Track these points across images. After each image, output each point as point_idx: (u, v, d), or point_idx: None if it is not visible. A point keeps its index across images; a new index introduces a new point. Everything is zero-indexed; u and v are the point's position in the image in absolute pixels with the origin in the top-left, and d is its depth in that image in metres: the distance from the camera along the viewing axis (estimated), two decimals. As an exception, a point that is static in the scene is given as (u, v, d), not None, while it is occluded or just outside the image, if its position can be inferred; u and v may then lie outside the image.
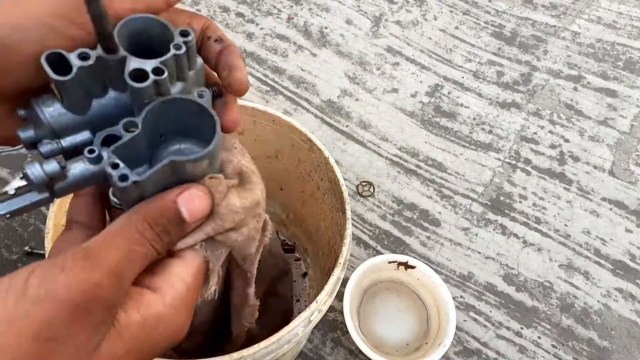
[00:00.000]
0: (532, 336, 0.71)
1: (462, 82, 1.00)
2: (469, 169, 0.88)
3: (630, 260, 0.79)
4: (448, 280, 0.75)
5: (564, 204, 0.85)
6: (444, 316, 0.66)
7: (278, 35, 1.05)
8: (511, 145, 0.91)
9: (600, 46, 1.08)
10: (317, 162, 0.58)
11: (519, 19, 1.12)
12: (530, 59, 1.05)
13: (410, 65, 1.02)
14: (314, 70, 0.99)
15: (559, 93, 1.00)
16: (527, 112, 0.97)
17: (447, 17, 1.12)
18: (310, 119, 0.92)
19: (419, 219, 0.81)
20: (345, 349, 0.68)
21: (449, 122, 0.94)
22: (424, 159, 0.89)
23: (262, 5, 1.10)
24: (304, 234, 0.73)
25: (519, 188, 0.86)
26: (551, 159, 0.90)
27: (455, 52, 1.05)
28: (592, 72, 1.03)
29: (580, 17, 1.13)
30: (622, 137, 0.94)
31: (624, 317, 0.74)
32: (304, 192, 0.65)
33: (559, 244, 0.80)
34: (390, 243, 0.79)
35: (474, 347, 0.70)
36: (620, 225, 0.83)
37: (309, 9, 1.10)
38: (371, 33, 1.07)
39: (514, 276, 0.76)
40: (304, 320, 0.43)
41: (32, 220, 0.77)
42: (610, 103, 0.98)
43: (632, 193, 0.86)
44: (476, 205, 0.84)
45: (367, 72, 1.00)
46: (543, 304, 0.74)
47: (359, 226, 0.80)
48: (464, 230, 0.81)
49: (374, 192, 0.84)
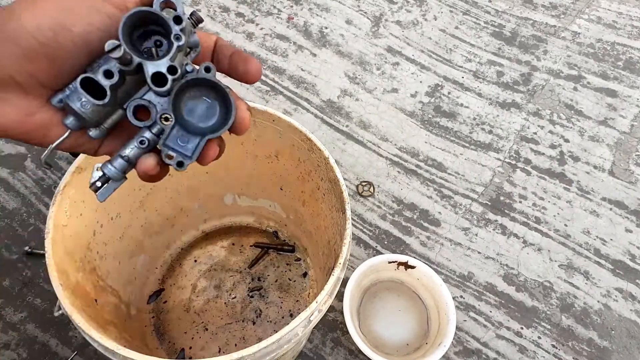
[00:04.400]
0: (532, 336, 0.71)
1: (462, 82, 1.00)
2: (469, 169, 0.88)
3: (630, 260, 0.79)
4: (448, 280, 0.75)
5: (564, 204, 0.85)
6: (444, 316, 0.66)
7: (278, 35, 1.05)
8: (511, 145, 0.91)
9: (600, 46, 1.08)
10: (317, 162, 0.58)
11: (519, 19, 1.12)
12: (530, 59, 1.05)
13: (410, 65, 1.02)
14: (314, 70, 0.99)
15: (559, 93, 1.00)
16: (527, 112, 0.97)
17: (447, 17, 1.11)
18: (310, 119, 0.92)
19: (419, 219, 0.81)
20: (345, 349, 0.68)
21: (449, 122, 0.94)
22: (424, 159, 0.89)
23: (262, 5, 1.10)
24: (304, 234, 0.73)
25: (519, 188, 0.86)
26: (551, 159, 0.90)
27: (455, 52, 1.05)
28: (592, 72, 1.03)
29: (580, 17, 1.13)
30: (622, 137, 0.94)
31: (624, 317, 0.74)
32: (304, 192, 0.65)
33: (559, 244, 0.80)
34: (390, 243, 0.79)
35: (474, 347, 0.70)
36: (620, 225, 0.83)
37: (309, 9, 1.10)
38: (371, 33, 1.07)
39: (514, 276, 0.76)
40: (304, 320, 0.43)
41: (32, 220, 0.77)
42: (610, 103, 0.98)
43: (632, 193, 0.86)
44: (476, 205, 0.84)
45: (367, 72, 1.00)
46: (543, 304, 0.74)
47: (359, 226, 0.80)
48: (464, 230, 0.81)
49: (374, 192, 0.84)
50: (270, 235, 0.77)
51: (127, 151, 0.29)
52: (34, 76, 0.27)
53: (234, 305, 0.70)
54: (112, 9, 0.27)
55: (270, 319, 0.69)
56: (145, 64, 0.27)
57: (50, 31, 0.26)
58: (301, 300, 0.71)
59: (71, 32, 0.26)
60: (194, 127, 0.29)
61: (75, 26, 0.26)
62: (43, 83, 0.27)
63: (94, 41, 0.27)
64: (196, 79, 0.28)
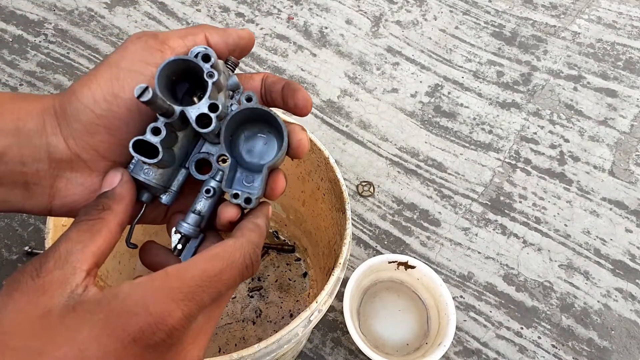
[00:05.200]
0: (532, 336, 0.71)
1: (462, 82, 1.00)
2: (469, 169, 0.88)
3: (630, 260, 0.79)
4: (448, 280, 0.75)
5: (564, 204, 0.85)
6: (444, 316, 0.66)
7: (278, 35, 1.05)
8: (511, 145, 0.91)
9: (600, 46, 1.08)
10: (317, 162, 0.58)
11: (519, 19, 1.12)
12: (530, 59, 1.05)
13: (410, 65, 1.02)
14: (314, 70, 0.99)
15: (559, 93, 1.00)
16: (527, 112, 0.97)
17: (447, 17, 1.12)
18: (310, 119, 0.92)
19: (419, 219, 0.81)
20: (345, 349, 0.68)
21: (449, 122, 0.94)
22: (424, 159, 0.89)
23: (262, 5, 1.10)
24: (304, 234, 0.73)
25: (519, 188, 0.86)
26: (551, 159, 0.90)
27: (455, 52, 1.05)
28: (592, 72, 1.03)
29: (580, 17, 1.13)
30: (622, 137, 0.94)
31: (624, 317, 0.74)
32: (304, 192, 0.65)
33: (559, 244, 0.80)
34: (390, 243, 0.79)
35: (474, 347, 0.70)
36: (620, 225, 0.83)
37: (309, 9, 1.10)
38: (371, 33, 1.07)
39: (514, 276, 0.76)
40: (304, 320, 0.43)
41: (32, 220, 0.77)
42: (610, 103, 0.98)
43: (632, 193, 0.86)
44: (476, 205, 0.84)
45: (367, 72, 1.00)
46: (543, 304, 0.74)
47: (359, 226, 0.80)
48: (464, 230, 0.81)
49: (374, 192, 0.84)
50: (270, 235, 0.77)
51: (196, 206, 0.30)
52: (96, 150, 0.28)
53: (234, 305, 0.70)
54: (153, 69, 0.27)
55: (270, 319, 0.69)
56: (186, 110, 0.27)
57: (105, 102, 0.27)
58: (301, 301, 0.71)
59: (122, 99, 0.27)
60: (257, 165, 0.30)
61: (125, 92, 0.27)
62: (105, 155, 0.28)
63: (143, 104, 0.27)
64: (239, 112, 0.28)
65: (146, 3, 1.06)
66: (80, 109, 0.27)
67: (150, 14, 1.05)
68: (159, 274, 0.23)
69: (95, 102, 0.27)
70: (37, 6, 1.04)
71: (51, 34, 1.00)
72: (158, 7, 1.06)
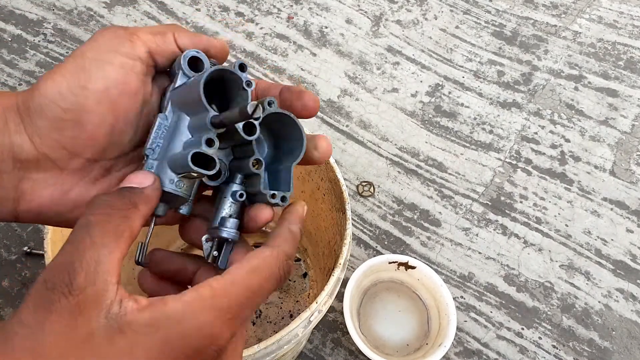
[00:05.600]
0: (533, 337, 0.71)
1: (462, 82, 1.00)
2: (469, 169, 0.88)
3: (631, 260, 0.79)
4: (448, 281, 0.75)
5: (565, 204, 0.84)
6: (445, 317, 0.66)
7: (278, 35, 1.04)
8: (512, 145, 0.91)
9: (601, 46, 1.08)
10: (317, 162, 0.57)
11: (520, 19, 1.12)
12: (531, 58, 1.05)
13: (410, 65, 1.02)
14: (314, 70, 0.99)
15: (559, 93, 0.99)
16: (527, 111, 0.96)
17: (448, 17, 1.11)
18: (310, 118, 0.92)
19: (420, 219, 0.81)
20: (345, 349, 0.68)
21: (450, 122, 0.94)
22: (424, 159, 0.88)
23: (262, 5, 1.10)
24: (304, 234, 0.72)
25: (519, 188, 0.86)
26: (552, 159, 0.90)
27: (455, 51, 1.05)
28: (593, 72, 1.03)
29: (581, 16, 1.13)
30: (623, 137, 0.93)
31: (624, 318, 0.73)
32: (304, 192, 0.65)
33: (559, 244, 0.80)
34: (391, 243, 0.78)
35: (475, 347, 0.70)
36: (621, 226, 0.82)
37: (309, 8, 1.10)
38: (371, 32, 1.07)
39: (514, 276, 0.76)
40: (304, 320, 0.43)
41: (31, 220, 0.77)
42: (611, 103, 0.98)
43: (633, 193, 0.86)
44: (477, 206, 0.83)
45: (367, 72, 1.00)
46: (544, 304, 0.74)
47: (359, 226, 0.80)
48: (464, 230, 0.80)
49: (374, 192, 0.83)
50: (270, 236, 0.77)
51: (229, 210, 0.30)
52: (65, 147, 0.26)
53: (234, 306, 0.70)
54: (123, 58, 0.26)
55: (270, 320, 0.69)
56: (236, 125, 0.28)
57: (72, 94, 0.25)
58: (301, 301, 0.71)
59: (90, 90, 0.25)
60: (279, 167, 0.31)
61: (91, 82, 0.25)
62: (75, 152, 0.26)
63: (114, 95, 0.26)
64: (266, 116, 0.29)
65: (145, 2, 1.06)
66: (45, 104, 0.25)
67: (150, 13, 1.05)
68: (205, 290, 0.23)
69: (60, 96, 0.25)
70: (36, 5, 1.04)
71: (50, 33, 0.99)
72: (157, 7, 1.06)
